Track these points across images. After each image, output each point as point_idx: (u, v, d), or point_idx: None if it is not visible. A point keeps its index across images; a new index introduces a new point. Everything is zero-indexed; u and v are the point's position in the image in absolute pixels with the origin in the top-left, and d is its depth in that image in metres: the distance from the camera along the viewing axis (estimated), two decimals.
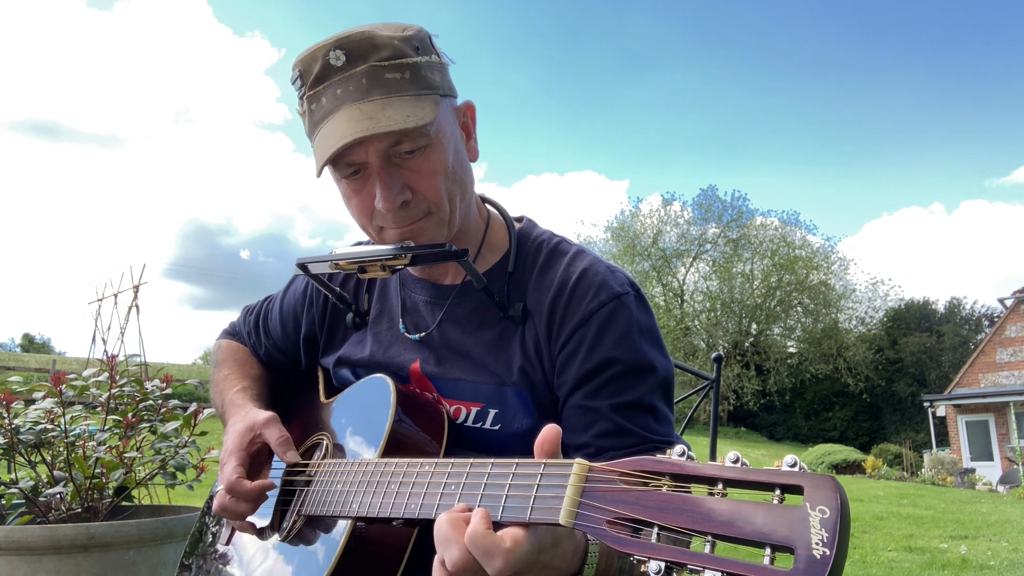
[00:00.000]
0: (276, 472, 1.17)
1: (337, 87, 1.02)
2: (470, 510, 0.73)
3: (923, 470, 21.13)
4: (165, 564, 1.93)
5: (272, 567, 1.08)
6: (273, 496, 1.14)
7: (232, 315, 1.58)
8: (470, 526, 0.70)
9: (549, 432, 0.73)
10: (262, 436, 1.14)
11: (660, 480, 0.62)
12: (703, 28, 64.97)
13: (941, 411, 24.69)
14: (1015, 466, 18.97)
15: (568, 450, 1.06)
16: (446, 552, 0.71)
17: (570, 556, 0.76)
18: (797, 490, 0.56)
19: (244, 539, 1.19)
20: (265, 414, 1.16)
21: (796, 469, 0.56)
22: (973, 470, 20.53)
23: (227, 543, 1.24)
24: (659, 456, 0.64)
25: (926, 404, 25.26)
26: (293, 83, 1.07)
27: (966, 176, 69.73)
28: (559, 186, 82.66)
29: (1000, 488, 17.82)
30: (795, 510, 0.55)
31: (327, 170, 1.08)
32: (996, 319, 29.09)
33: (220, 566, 1.22)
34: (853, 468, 22.71)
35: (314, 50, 1.03)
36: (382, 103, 1.00)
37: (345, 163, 1.03)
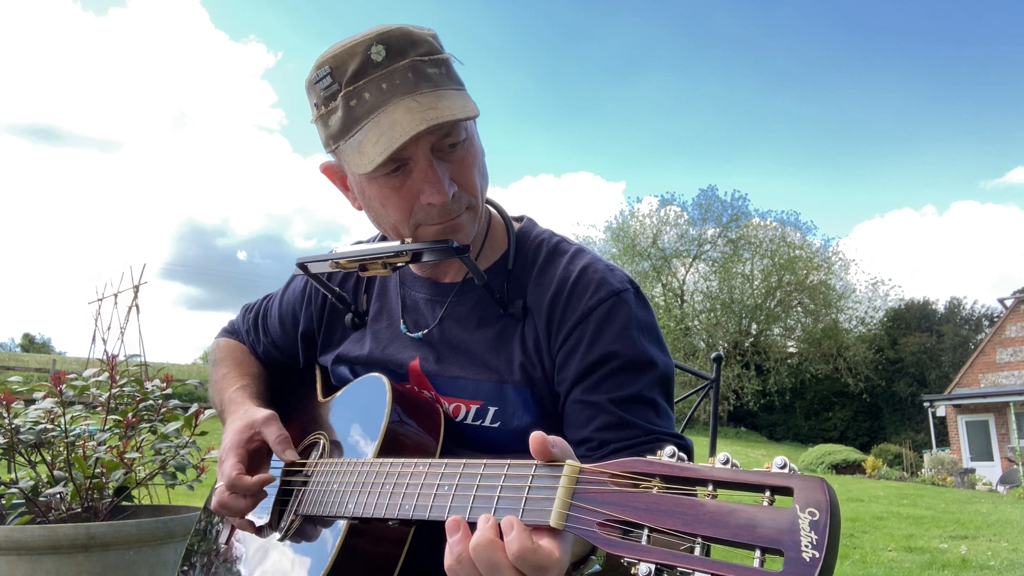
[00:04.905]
0: (275, 471, 1.17)
1: (382, 81, 1.00)
2: (482, 519, 0.71)
3: (923, 470, 21.11)
4: (165, 564, 1.93)
5: (270, 566, 1.08)
6: (271, 495, 1.15)
7: (229, 316, 1.58)
8: (514, 543, 0.67)
9: (534, 438, 0.72)
10: (261, 434, 1.14)
11: (651, 481, 0.62)
12: (696, 31, 65.02)
13: (941, 411, 24.65)
14: (1015, 466, 18.95)
15: (571, 445, 1.06)
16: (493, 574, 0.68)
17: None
18: (787, 492, 0.56)
19: (243, 538, 1.19)
20: (264, 412, 1.16)
21: (786, 471, 0.56)
22: (973, 470, 20.51)
23: (227, 542, 1.24)
24: (649, 457, 0.64)
25: (926, 404, 25.23)
26: (317, 83, 1.04)
27: (958, 178, 69.86)
28: (556, 187, 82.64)
29: (1000, 488, 17.81)
30: (785, 512, 0.55)
31: (353, 167, 1.05)
32: (996, 319, 29.06)
33: (219, 565, 1.22)
34: (853, 468, 22.70)
35: (350, 47, 1.01)
36: (435, 95, 1.00)
37: (390, 159, 1.01)
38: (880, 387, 37.78)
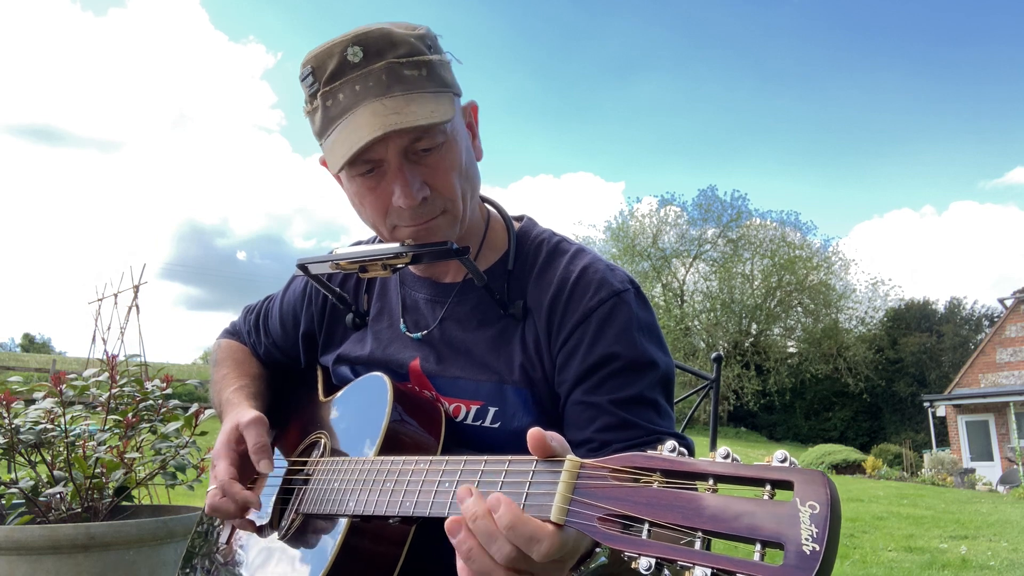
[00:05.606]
0: (278, 469, 1.18)
1: (356, 83, 1.01)
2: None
3: (923, 470, 21.11)
4: (165, 564, 1.93)
5: (271, 565, 1.08)
6: (272, 494, 1.15)
7: (229, 316, 1.59)
8: (504, 513, 0.67)
9: (532, 435, 0.72)
10: (243, 438, 1.14)
11: (651, 476, 0.62)
12: (696, 31, 65.18)
13: (941, 411, 24.65)
14: (1015, 466, 18.95)
15: (572, 447, 1.06)
16: (491, 546, 0.68)
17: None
18: (787, 486, 0.56)
19: (244, 538, 1.19)
20: (250, 415, 1.14)
21: (786, 464, 0.57)
22: (973, 470, 20.51)
23: (227, 542, 1.24)
24: (649, 452, 0.64)
25: (926, 404, 25.23)
26: (303, 80, 1.05)
27: (957, 178, 70.04)
28: (555, 187, 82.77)
29: (1000, 488, 17.81)
30: (785, 506, 0.55)
31: (328, 166, 1.07)
32: (996, 319, 29.06)
33: (220, 564, 1.22)
34: (853, 468, 22.70)
35: (329, 46, 1.02)
36: (405, 99, 1.00)
37: (362, 160, 1.02)
38: (880, 387, 37.78)
